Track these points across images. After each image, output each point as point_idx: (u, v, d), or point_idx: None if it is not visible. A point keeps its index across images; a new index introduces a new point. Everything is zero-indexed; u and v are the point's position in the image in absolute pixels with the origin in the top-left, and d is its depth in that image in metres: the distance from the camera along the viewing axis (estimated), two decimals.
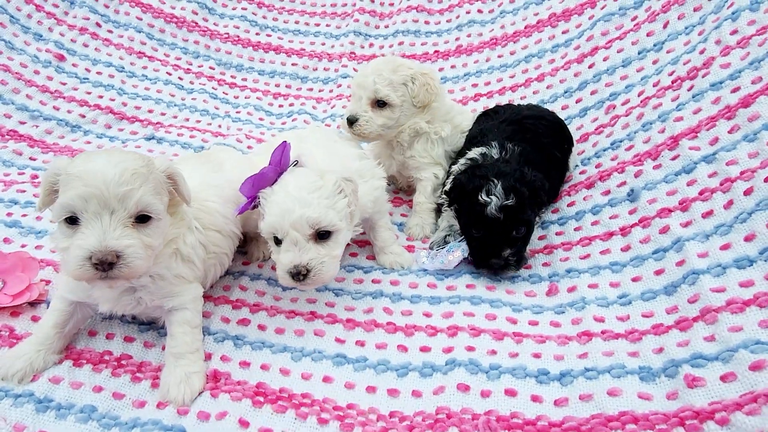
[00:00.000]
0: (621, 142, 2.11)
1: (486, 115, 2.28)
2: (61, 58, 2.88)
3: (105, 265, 1.25)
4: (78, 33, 3.00)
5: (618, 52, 2.41)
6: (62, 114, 2.69)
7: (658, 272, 1.62)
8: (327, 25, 3.37)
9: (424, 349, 1.57)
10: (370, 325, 1.67)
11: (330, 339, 1.63)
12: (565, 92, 2.52)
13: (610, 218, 1.90)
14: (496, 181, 1.75)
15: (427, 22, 3.20)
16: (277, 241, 1.56)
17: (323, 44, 3.28)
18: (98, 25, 3.08)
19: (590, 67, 2.48)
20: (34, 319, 1.65)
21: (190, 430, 1.36)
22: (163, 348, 1.58)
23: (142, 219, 1.33)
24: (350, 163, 1.82)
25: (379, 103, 2.02)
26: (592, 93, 2.41)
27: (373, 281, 1.88)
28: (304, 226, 1.49)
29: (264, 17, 3.40)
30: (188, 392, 1.42)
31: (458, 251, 1.90)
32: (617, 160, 2.07)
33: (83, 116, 2.72)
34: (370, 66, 2.05)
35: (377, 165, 1.93)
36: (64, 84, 2.80)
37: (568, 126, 2.35)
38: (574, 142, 2.22)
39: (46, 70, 2.81)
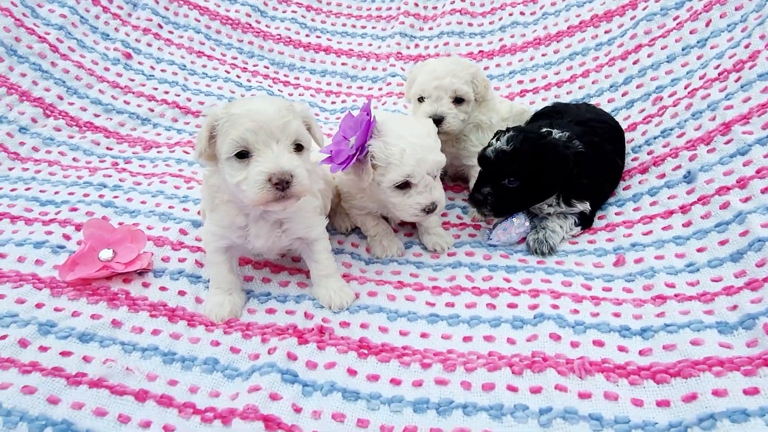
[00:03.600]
0: (671, 130, 2.26)
1: (545, 115, 2.37)
2: (128, 56, 3.04)
3: (283, 183, 1.43)
4: (142, 33, 3.17)
5: (662, 48, 2.57)
6: (132, 108, 2.85)
7: (723, 242, 1.76)
8: (372, 28, 3.54)
9: (512, 306, 1.70)
10: (456, 289, 1.81)
11: (421, 302, 1.76)
12: (611, 87, 2.68)
13: (669, 198, 2.04)
14: (510, 132, 1.93)
15: (470, 24, 3.37)
16: (402, 186, 1.77)
17: (370, 45, 3.45)
18: (160, 26, 3.25)
19: (635, 63, 2.64)
20: (145, 285, 1.79)
21: (301, 375, 1.49)
22: (267, 311, 1.73)
23: (298, 148, 1.52)
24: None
25: (457, 100, 2.18)
26: (638, 87, 2.56)
27: (449, 254, 2.01)
28: (434, 170, 1.77)
29: (312, 20, 3.57)
30: (345, 297, 1.73)
31: (518, 225, 2.03)
32: (669, 146, 2.21)
33: (152, 110, 2.87)
34: (439, 66, 2.18)
35: None
36: (132, 80, 2.96)
37: (618, 117, 2.51)
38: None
39: (115, 67, 2.97)
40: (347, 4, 3.66)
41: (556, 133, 2.06)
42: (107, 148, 2.64)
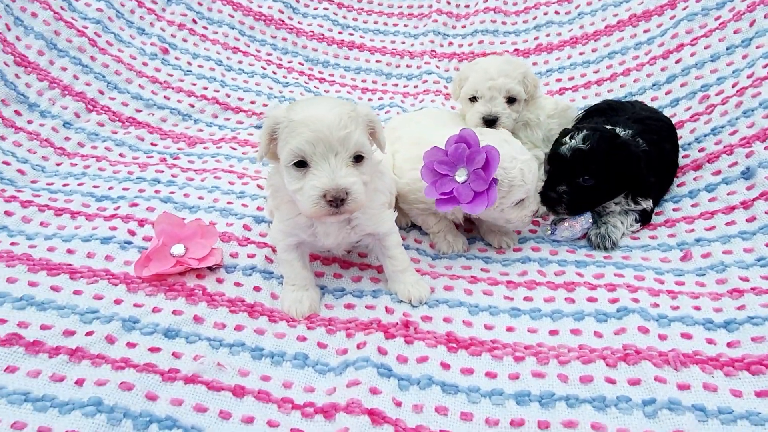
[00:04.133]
0: (722, 127, 2.29)
1: (599, 112, 2.38)
2: (165, 51, 3.00)
3: (338, 201, 1.40)
4: (177, 28, 3.13)
5: (705, 48, 2.61)
6: (173, 103, 2.81)
7: None
8: (405, 26, 3.54)
9: (591, 300, 1.72)
10: (531, 284, 1.82)
11: (499, 297, 1.77)
12: (654, 85, 2.71)
13: (728, 194, 2.06)
14: (584, 130, 1.94)
15: (504, 23, 3.38)
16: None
17: (403, 43, 3.45)
18: (194, 21, 3.21)
19: (677, 62, 2.67)
20: (219, 281, 1.77)
21: (395, 369, 1.49)
22: (346, 306, 1.73)
23: (358, 158, 1.47)
24: None
25: (510, 100, 2.19)
26: (682, 85, 2.59)
27: (514, 250, 2.02)
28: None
29: (344, 17, 3.56)
30: (423, 291, 1.72)
31: (583, 221, 2.05)
32: (722, 143, 2.24)
33: (192, 106, 2.84)
34: (492, 66, 2.19)
35: None
36: (171, 75, 2.92)
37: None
38: None
39: (153, 62, 2.93)
40: (378, 1, 3.66)
41: (620, 131, 2.08)
42: (152, 144, 2.60)
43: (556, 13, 3.30)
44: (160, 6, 3.19)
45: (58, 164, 2.36)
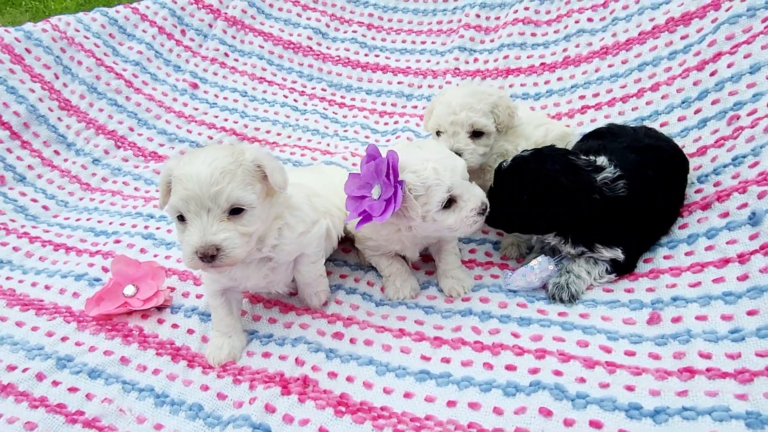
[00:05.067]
0: (744, 157, 1.92)
1: (597, 135, 2.13)
2: (195, 86, 3.24)
3: (208, 257, 1.42)
4: (209, 63, 3.36)
5: (745, 57, 2.18)
6: (194, 136, 3.02)
7: None
8: (433, 42, 3.43)
9: (510, 368, 1.55)
10: (457, 342, 1.69)
11: (416, 356, 1.67)
12: (683, 102, 2.33)
13: (727, 243, 1.73)
14: (524, 151, 1.86)
15: (533, 34, 3.13)
16: (448, 205, 1.72)
17: (428, 61, 3.34)
18: (226, 54, 3.42)
19: (712, 74, 2.27)
20: (160, 321, 1.88)
21: (275, 429, 1.47)
22: (264, 355, 1.74)
23: (236, 211, 1.47)
24: None
25: (476, 134, 2.04)
26: (714, 102, 2.20)
27: (462, 300, 1.88)
28: (465, 173, 1.77)
29: (373, 38, 3.54)
30: (319, 302, 1.89)
31: (540, 270, 1.85)
32: (738, 178, 1.88)
33: (211, 138, 3.03)
34: (455, 99, 2.04)
35: None
36: (197, 109, 3.14)
37: (687, 138, 2.20)
38: (689, 160, 2.05)
39: (182, 97, 3.17)
40: (408, 19, 3.58)
41: (605, 169, 1.83)
42: None
43: (589, 20, 2.96)
44: (197, 42, 3.43)
45: (80, 199, 2.67)
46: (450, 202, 1.71)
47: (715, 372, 1.40)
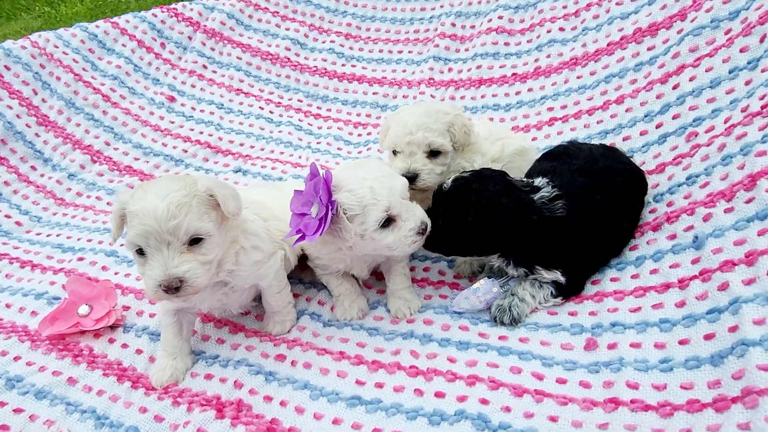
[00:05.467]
0: (697, 177, 1.88)
1: (553, 156, 2.08)
2: (172, 99, 3.28)
3: (171, 290, 1.46)
4: (188, 75, 3.40)
5: (707, 71, 2.14)
6: (169, 150, 3.06)
7: (708, 337, 1.43)
8: (409, 52, 3.42)
9: (439, 395, 1.55)
10: (393, 367, 1.69)
11: (351, 381, 1.67)
12: (646, 116, 2.29)
13: (671, 267, 1.70)
14: (463, 173, 1.83)
15: (507, 44, 3.10)
16: (386, 224, 1.71)
17: (404, 71, 3.33)
18: (204, 66, 3.45)
19: (674, 87, 2.23)
20: (111, 341, 1.92)
21: None
22: (206, 376, 1.76)
23: (195, 241, 1.51)
24: None
25: (433, 153, 2.02)
26: (674, 117, 2.16)
27: (407, 321, 1.88)
28: (405, 193, 1.76)
29: (350, 48, 3.54)
30: (283, 329, 1.91)
31: (484, 292, 1.84)
32: (690, 198, 1.85)
33: (186, 151, 3.06)
34: (411, 119, 2.01)
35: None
36: (173, 122, 3.18)
37: (648, 153, 2.17)
38: (648, 178, 2.02)
39: (159, 110, 3.22)
40: (386, 28, 3.57)
41: (542, 192, 1.82)
42: None
43: (561, 29, 2.92)
44: (177, 55, 3.47)
45: (54, 214, 2.73)
46: (389, 221, 1.71)
47: (638, 404, 1.38)
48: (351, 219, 1.68)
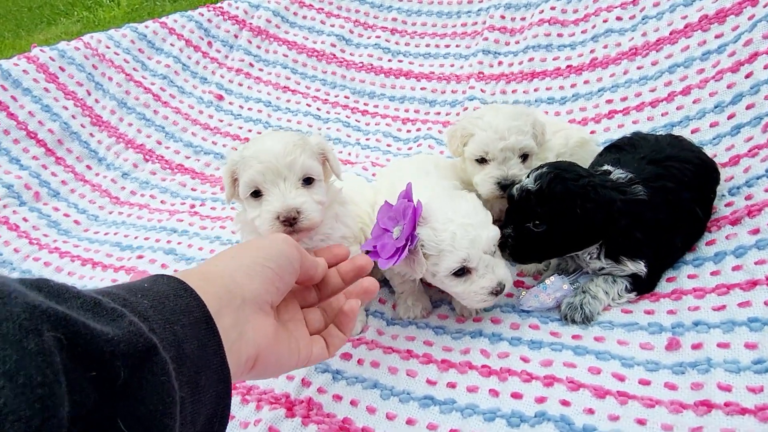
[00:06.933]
0: None
1: (617, 148, 2.01)
2: (220, 98, 3.29)
3: (290, 220, 1.51)
4: (235, 74, 3.41)
5: None
6: (219, 148, 3.08)
7: None
8: (457, 46, 3.36)
9: (516, 396, 1.50)
10: (464, 366, 1.65)
11: (421, 380, 1.64)
12: (716, 107, 2.20)
13: (756, 263, 1.62)
14: (542, 168, 1.71)
15: (560, 35, 3.02)
16: (460, 273, 1.62)
17: (452, 66, 3.28)
18: (251, 65, 3.46)
19: (747, 76, 2.13)
20: None
21: None
22: None
23: (308, 181, 1.57)
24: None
25: (523, 157, 1.96)
26: (748, 107, 2.06)
27: (474, 320, 1.84)
28: (491, 247, 1.63)
29: (396, 43, 3.51)
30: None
31: (554, 290, 1.78)
32: None
33: (235, 149, 3.05)
34: (501, 123, 1.92)
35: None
36: (222, 121, 3.20)
37: (719, 146, 2.07)
38: (720, 170, 1.93)
39: (208, 109, 3.24)
40: (432, 22, 3.52)
41: (616, 174, 1.76)
42: (192, 189, 2.89)
43: (618, 19, 2.83)
44: (223, 53, 3.49)
45: (110, 213, 2.76)
46: (463, 271, 1.62)
47: (734, 407, 1.31)
48: (426, 257, 1.62)
